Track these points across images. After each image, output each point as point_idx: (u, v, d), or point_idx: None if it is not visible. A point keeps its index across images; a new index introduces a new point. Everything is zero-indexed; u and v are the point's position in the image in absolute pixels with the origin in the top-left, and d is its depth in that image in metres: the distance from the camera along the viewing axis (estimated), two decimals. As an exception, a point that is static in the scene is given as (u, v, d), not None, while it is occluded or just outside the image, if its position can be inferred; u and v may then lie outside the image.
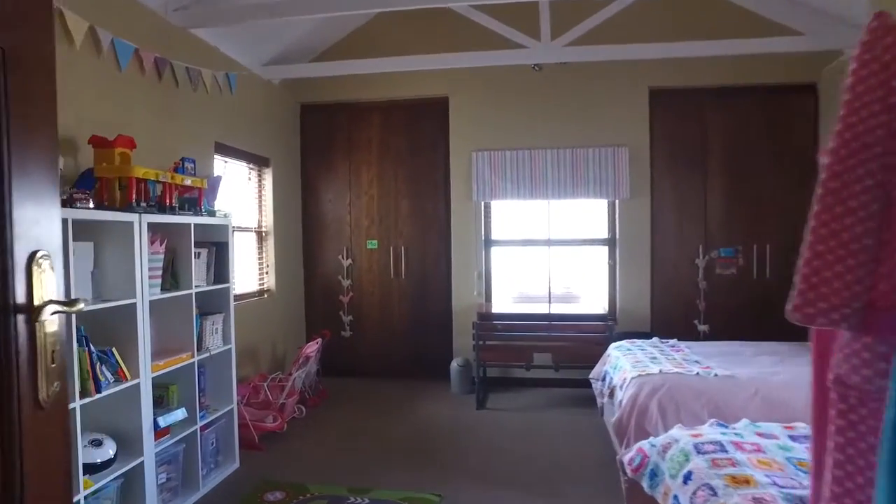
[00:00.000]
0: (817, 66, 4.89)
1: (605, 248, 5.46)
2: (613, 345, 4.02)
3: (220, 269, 3.44)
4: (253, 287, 4.98)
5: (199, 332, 3.19)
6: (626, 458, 2.40)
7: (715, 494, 1.78)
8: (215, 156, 4.27)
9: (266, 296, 5.11)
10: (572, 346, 4.78)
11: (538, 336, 4.80)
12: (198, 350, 3.18)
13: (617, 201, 5.30)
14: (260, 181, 5.12)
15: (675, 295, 5.27)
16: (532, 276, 5.61)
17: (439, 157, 5.54)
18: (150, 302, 2.81)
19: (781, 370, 3.24)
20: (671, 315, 5.26)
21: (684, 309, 5.26)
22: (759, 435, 2.22)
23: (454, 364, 5.25)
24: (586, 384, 5.12)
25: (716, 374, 3.09)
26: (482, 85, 5.36)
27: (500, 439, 4.02)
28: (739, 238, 5.18)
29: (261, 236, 5.12)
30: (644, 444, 2.35)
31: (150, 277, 2.82)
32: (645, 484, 2.20)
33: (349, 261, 5.71)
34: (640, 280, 5.28)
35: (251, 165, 4.95)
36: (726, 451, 2.04)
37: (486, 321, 4.88)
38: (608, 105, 5.22)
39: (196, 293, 3.14)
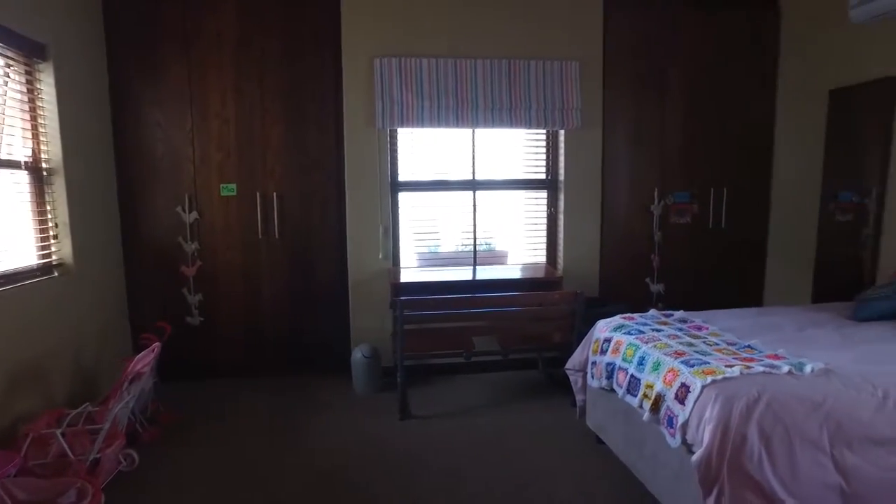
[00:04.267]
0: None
1: (544, 193, 4.31)
2: (606, 323, 2.88)
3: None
4: (29, 261, 3.02)
5: None
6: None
7: None
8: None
9: (57, 274, 3.17)
10: (526, 324, 3.60)
11: (477, 314, 3.52)
12: None
13: (562, 133, 4.13)
14: (32, 85, 3.09)
15: (627, 250, 4.30)
16: (446, 229, 4.30)
17: (327, 64, 3.89)
18: None
19: (870, 349, 2.35)
20: (621, 274, 4.31)
21: (635, 266, 4.34)
22: None
23: (357, 355, 3.82)
24: (537, 364, 4.07)
25: (812, 370, 2.07)
26: (387, -39, 3.79)
27: (453, 469, 2.74)
28: (698, 179, 4.32)
29: (39, 177, 3.13)
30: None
31: None
32: None
33: (194, 214, 3.90)
34: (588, 232, 4.22)
35: (8, 53, 2.91)
36: None
37: (409, 296, 3.48)
38: (558, 2, 3.97)
39: None
